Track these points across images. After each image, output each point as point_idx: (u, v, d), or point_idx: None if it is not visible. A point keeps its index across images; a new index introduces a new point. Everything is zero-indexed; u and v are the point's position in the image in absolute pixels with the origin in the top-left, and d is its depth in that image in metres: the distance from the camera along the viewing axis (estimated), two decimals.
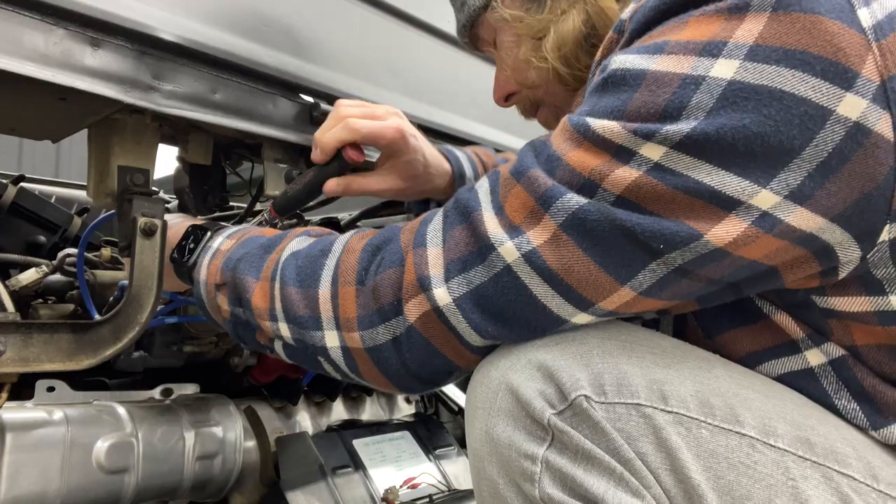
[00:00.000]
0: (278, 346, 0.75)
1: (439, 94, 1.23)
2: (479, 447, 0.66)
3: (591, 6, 0.75)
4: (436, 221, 0.66)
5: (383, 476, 1.24)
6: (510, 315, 0.61)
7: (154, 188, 0.97)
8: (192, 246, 0.86)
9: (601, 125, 0.55)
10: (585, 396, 0.60)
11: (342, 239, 0.73)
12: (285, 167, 1.05)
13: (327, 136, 0.89)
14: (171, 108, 0.84)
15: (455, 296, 0.62)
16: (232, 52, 0.90)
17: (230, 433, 1.07)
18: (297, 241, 0.76)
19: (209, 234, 0.86)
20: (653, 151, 0.53)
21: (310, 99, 1.01)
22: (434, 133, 1.24)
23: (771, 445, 0.57)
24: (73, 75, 0.75)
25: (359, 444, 1.26)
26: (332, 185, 0.91)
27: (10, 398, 0.81)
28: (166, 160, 1.16)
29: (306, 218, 1.30)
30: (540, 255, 0.57)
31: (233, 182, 1.23)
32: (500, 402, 0.64)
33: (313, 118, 1.01)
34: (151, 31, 0.81)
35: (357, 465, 1.22)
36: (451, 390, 1.48)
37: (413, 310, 0.64)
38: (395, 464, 1.29)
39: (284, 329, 0.72)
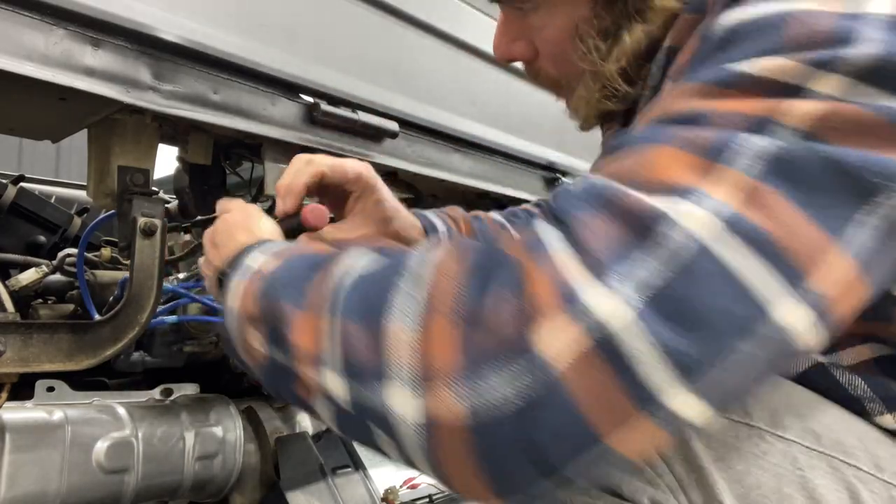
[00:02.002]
0: (323, 406, 0.52)
1: (439, 94, 1.23)
2: None
3: (653, 15, 0.62)
4: (544, 227, 0.46)
5: (383, 476, 1.24)
6: (703, 317, 0.40)
7: (154, 188, 0.97)
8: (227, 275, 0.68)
9: (760, 65, 0.45)
10: None
11: (431, 259, 0.48)
12: (285, 167, 1.05)
13: (292, 179, 0.81)
14: (171, 108, 0.84)
15: (632, 306, 0.39)
16: (232, 52, 0.90)
17: (230, 433, 1.07)
18: (362, 259, 0.53)
19: (244, 255, 0.65)
20: (830, 83, 0.44)
21: (310, 99, 1.01)
22: (434, 133, 1.24)
23: (779, 436, 0.56)
24: (73, 75, 0.75)
25: (359, 445, 1.26)
26: (303, 237, 0.83)
27: (10, 398, 0.81)
28: (166, 160, 1.16)
29: None
30: (745, 217, 0.41)
31: (233, 182, 1.23)
32: None
33: (313, 118, 1.01)
34: (151, 31, 0.81)
35: (357, 465, 1.22)
36: None
37: (555, 344, 0.40)
38: (394, 464, 1.29)
39: (334, 381, 0.49)
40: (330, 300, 0.50)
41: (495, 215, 1.12)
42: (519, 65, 0.80)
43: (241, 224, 0.74)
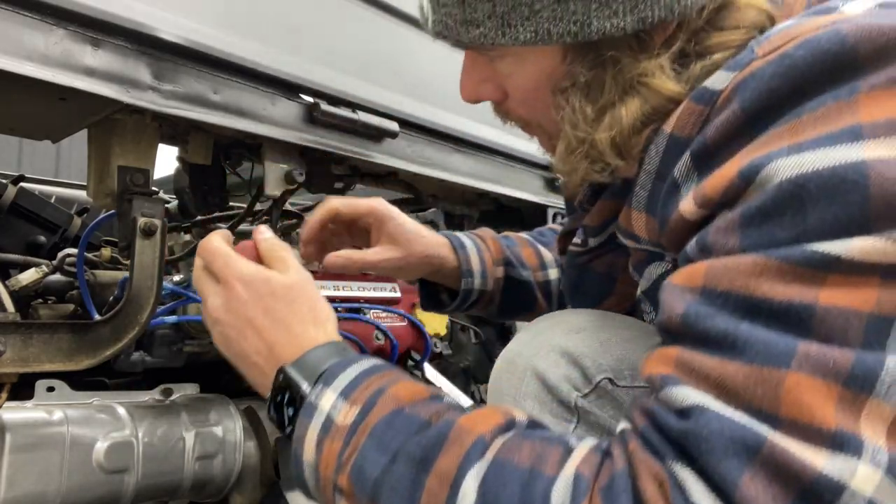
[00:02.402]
0: None
1: (439, 94, 1.23)
2: None
3: (649, 94, 0.59)
4: (690, 481, 0.44)
5: None
6: None
7: (154, 188, 0.97)
8: (289, 412, 0.61)
9: (856, 248, 0.42)
10: (609, 379, 0.65)
11: (579, 457, 0.48)
12: (285, 167, 1.05)
13: (307, 221, 0.86)
14: (171, 108, 0.84)
15: None
16: (232, 52, 0.90)
17: (230, 433, 1.07)
18: (486, 455, 0.50)
19: (308, 390, 0.60)
20: None
21: (310, 99, 1.01)
22: (434, 133, 1.24)
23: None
24: (73, 75, 0.75)
25: None
26: (332, 258, 0.88)
27: (10, 398, 0.81)
28: (166, 160, 1.16)
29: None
30: None
31: (233, 182, 1.23)
32: (526, 387, 0.68)
33: (313, 118, 1.01)
34: (151, 31, 0.81)
35: None
36: (451, 390, 1.48)
37: None
38: None
39: None
40: None
41: (525, 235, 1.13)
42: None
43: (277, 293, 0.66)
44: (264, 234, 0.73)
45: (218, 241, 0.71)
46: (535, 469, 0.48)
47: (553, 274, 1.07)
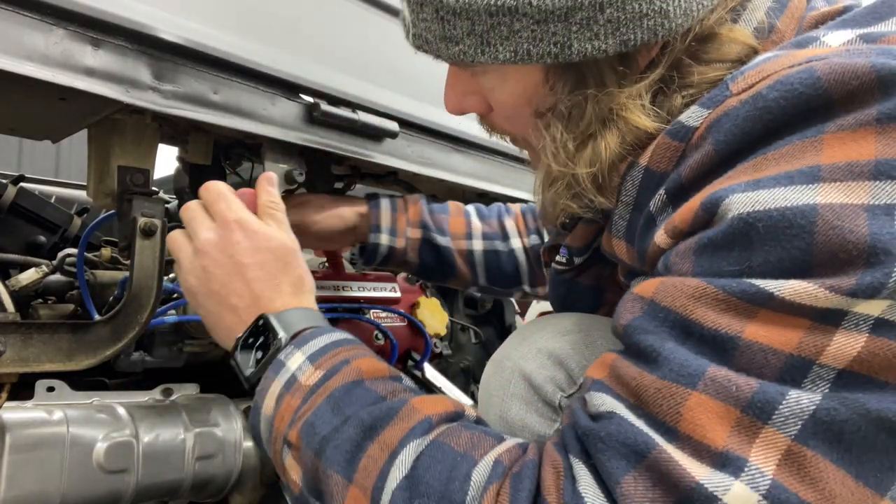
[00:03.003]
0: None
1: (439, 95, 1.23)
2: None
3: (627, 130, 0.59)
4: (581, 474, 0.48)
5: None
6: None
7: (154, 188, 0.97)
8: (257, 355, 0.65)
9: (789, 289, 0.43)
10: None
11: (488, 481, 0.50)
12: (285, 167, 1.05)
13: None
14: (171, 108, 0.84)
15: None
16: (232, 52, 0.90)
17: (230, 433, 1.07)
18: (416, 439, 0.54)
19: (282, 342, 0.64)
20: (872, 307, 0.43)
21: (310, 99, 1.01)
22: (435, 133, 1.24)
23: None
24: (73, 75, 0.75)
25: None
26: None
27: (10, 398, 0.81)
28: (166, 160, 1.16)
29: None
30: (785, 487, 0.41)
31: (233, 182, 1.23)
32: (513, 388, 0.71)
33: (313, 118, 1.01)
34: (151, 31, 0.81)
35: None
36: (451, 390, 1.48)
37: None
38: None
39: None
40: (377, 487, 0.52)
41: (468, 207, 1.18)
42: None
43: (276, 251, 0.69)
44: (271, 185, 0.77)
45: (223, 185, 0.74)
46: (465, 453, 0.52)
47: (478, 245, 1.12)
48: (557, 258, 0.82)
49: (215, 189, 0.73)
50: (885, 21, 0.52)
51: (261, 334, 0.65)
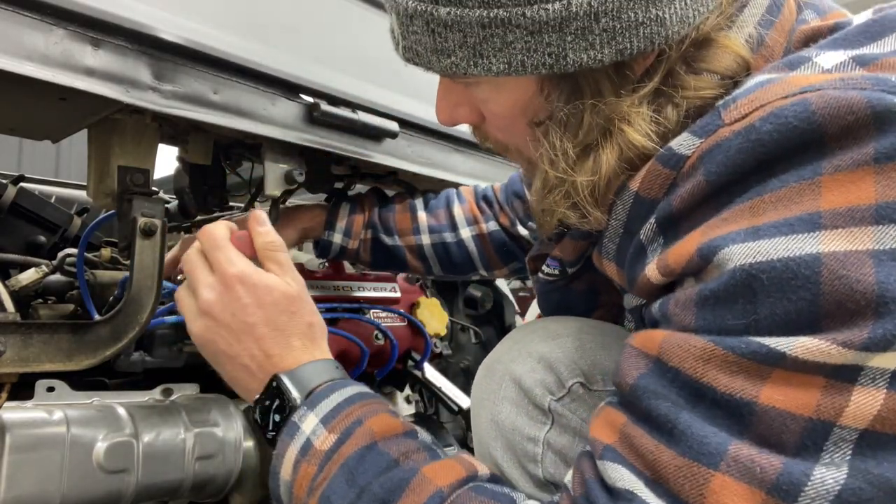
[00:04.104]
0: None
1: None
2: (485, 434, 0.72)
3: (625, 145, 0.58)
4: None
5: None
6: None
7: (154, 188, 0.97)
8: (276, 419, 0.65)
9: (801, 347, 0.42)
10: (581, 384, 0.68)
11: None
12: (285, 167, 1.05)
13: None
14: (171, 108, 0.84)
15: None
16: (232, 52, 0.90)
17: (230, 433, 1.07)
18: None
19: (297, 403, 0.64)
20: (888, 360, 0.42)
21: (310, 99, 1.01)
22: (435, 133, 1.24)
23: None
24: (73, 75, 0.75)
25: None
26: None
27: (10, 398, 0.81)
28: (166, 160, 1.16)
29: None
30: None
31: (233, 182, 1.23)
32: (504, 391, 0.72)
33: (313, 118, 1.01)
34: (151, 31, 0.81)
35: None
36: (451, 390, 1.48)
37: None
38: None
39: None
40: None
41: (415, 201, 1.20)
42: None
43: (280, 304, 0.68)
44: (262, 226, 0.75)
45: (222, 231, 0.72)
46: None
47: (425, 239, 1.15)
48: (546, 269, 0.81)
49: (213, 236, 0.71)
50: (877, 41, 0.51)
51: (276, 396, 0.65)
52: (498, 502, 0.54)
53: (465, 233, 1.16)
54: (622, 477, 0.48)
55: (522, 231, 1.14)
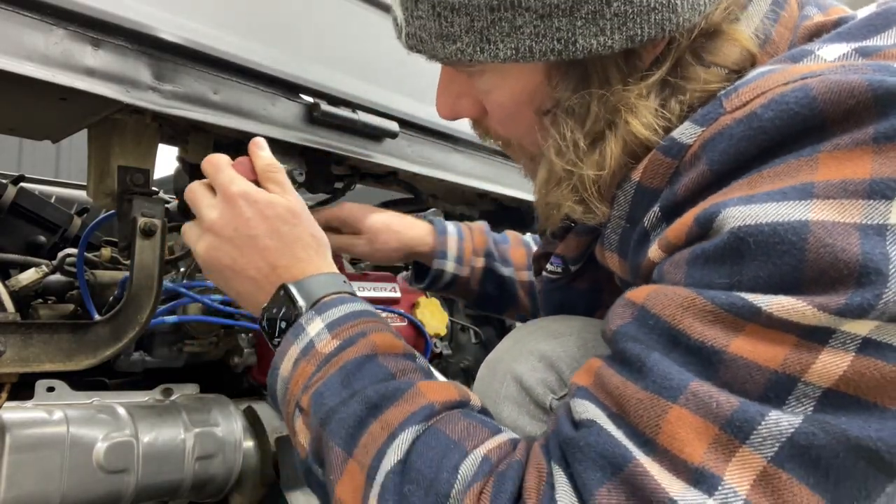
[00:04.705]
0: None
1: None
2: None
3: (629, 137, 0.57)
4: (560, 481, 0.48)
5: None
6: None
7: (154, 188, 0.97)
8: (282, 325, 0.66)
9: (777, 304, 0.43)
10: None
11: (500, 441, 0.53)
12: (285, 167, 1.05)
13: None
14: (171, 108, 0.84)
15: None
16: (232, 52, 0.90)
17: (230, 433, 1.07)
18: (428, 421, 0.54)
19: (305, 309, 0.65)
20: (860, 327, 0.42)
21: (310, 99, 1.01)
22: (435, 133, 1.24)
23: None
24: (73, 75, 0.75)
25: None
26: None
27: (10, 398, 0.81)
28: (166, 160, 1.16)
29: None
30: None
31: None
32: (505, 391, 0.72)
33: (313, 118, 1.01)
34: (151, 31, 0.81)
35: None
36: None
37: None
38: None
39: None
40: (373, 466, 0.53)
41: (525, 237, 1.19)
42: None
43: (282, 216, 0.69)
44: (262, 150, 0.76)
45: (223, 158, 0.73)
46: (458, 443, 0.52)
47: None
48: (550, 268, 0.81)
49: (213, 163, 0.72)
50: (881, 34, 0.51)
51: (283, 304, 0.66)
52: (484, 426, 0.54)
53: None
54: (587, 409, 0.49)
55: None
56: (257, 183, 0.73)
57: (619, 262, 0.64)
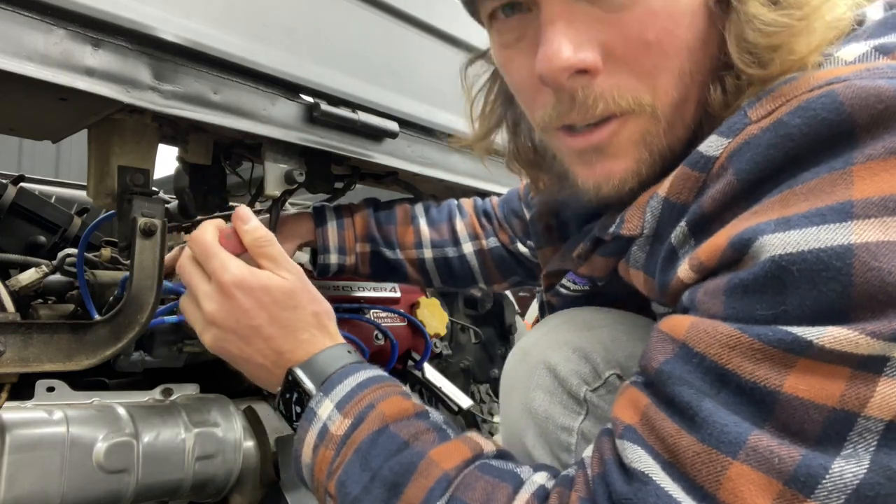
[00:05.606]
0: None
1: (439, 94, 1.23)
2: (516, 421, 0.73)
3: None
4: None
5: None
6: None
7: (154, 188, 0.97)
8: (297, 410, 0.67)
9: (829, 336, 0.41)
10: (617, 375, 0.68)
11: None
12: (285, 167, 1.05)
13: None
14: (171, 108, 0.84)
15: None
16: (232, 52, 0.90)
17: (230, 433, 1.07)
18: (446, 494, 0.55)
19: (314, 391, 0.66)
20: None
21: (310, 99, 1.01)
22: (435, 133, 1.24)
23: None
24: (73, 75, 0.75)
25: None
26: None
27: (10, 398, 0.81)
28: (166, 160, 1.16)
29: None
30: None
31: (233, 182, 1.23)
32: (537, 379, 0.72)
33: (313, 118, 1.01)
34: (151, 31, 0.81)
35: None
36: (451, 390, 1.48)
37: None
38: None
39: None
40: None
41: (416, 210, 1.20)
42: None
43: (280, 301, 0.69)
44: (247, 223, 0.74)
45: (211, 236, 0.73)
46: None
47: (427, 254, 1.16)
48: (573, 286, 0.79)
49: (203, 243, 0.72)
50: None
51: (293, 389, 0.67)
52: (502, 480, 0.54)
53: (468, 248, 1.17)
54: (639, 458, 0.48)
55: (522, 248, 1.15)
56: (247, 254, 0.73)
57: (645, 279, 0.63)
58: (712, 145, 0.51)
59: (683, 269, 0.52)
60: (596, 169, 0.59)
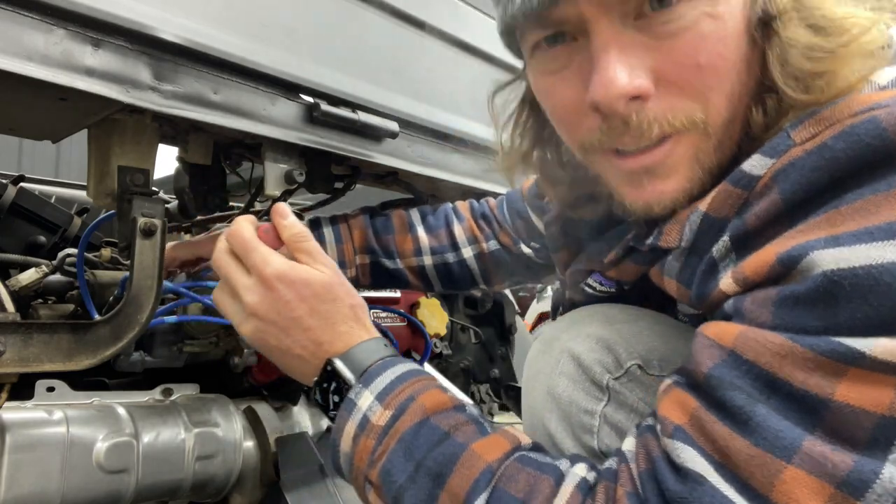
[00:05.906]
0: None
1: (439, 94, 1.23)
2: (539, 405, 0.76)
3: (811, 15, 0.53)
4: None
5: None
6: None
7: (154, 188, 0.97)
8: (335, 399, 0.69)
9: (881, 347, 0.44)
10: (639, 366, 0.72)
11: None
12: (285, 167, 1.05)
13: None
14: (171, 108, 0.84)
15: None
16: (232, 52, 0.90)
17: (230, 433, 1.07)
18: (490, 485, 0.57)
19: (353, 382, 0.68)
20: None
21: (310, 99, 1.01)
22: (435, 133, 1.24)
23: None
24: (73, 75, 0.75)
25: None
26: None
27: (10, 398, 0.81)
28: (166, 160, 1.16)
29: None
30: None
31: (233, 182, 1.23)
32: (562, 367, 0.75)
33: (313, 118, 1.01)
34: (151, 31, 0.81)
35: None
36: (452, 389, 1.48)
37: None
38: None
39: None
40: None
41: (413, 218, 1.19)
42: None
43: (320, 294, 0.71)
44: (285, 218, 0.77)
45: (249, 231, 0.75)
46: (526, 502, 0.55)
47: (427, 260, 1.17)
48: (599, 287, 0.81)
49: (242, 238, 0.74)
50: None
51: (332, 379, 0.70)
52: (543, 472, 0.57)
53: (467, 252, 1.18)
54: (692, 458, 0.50)
55: (525, 250, 1.15)
56: (284, 249, 0.75)
57: (679, 288, 0.64)
58: (756, 165, 0.53)
59: (726, 282, 0.54)
60: (646, 190, 0.60)
